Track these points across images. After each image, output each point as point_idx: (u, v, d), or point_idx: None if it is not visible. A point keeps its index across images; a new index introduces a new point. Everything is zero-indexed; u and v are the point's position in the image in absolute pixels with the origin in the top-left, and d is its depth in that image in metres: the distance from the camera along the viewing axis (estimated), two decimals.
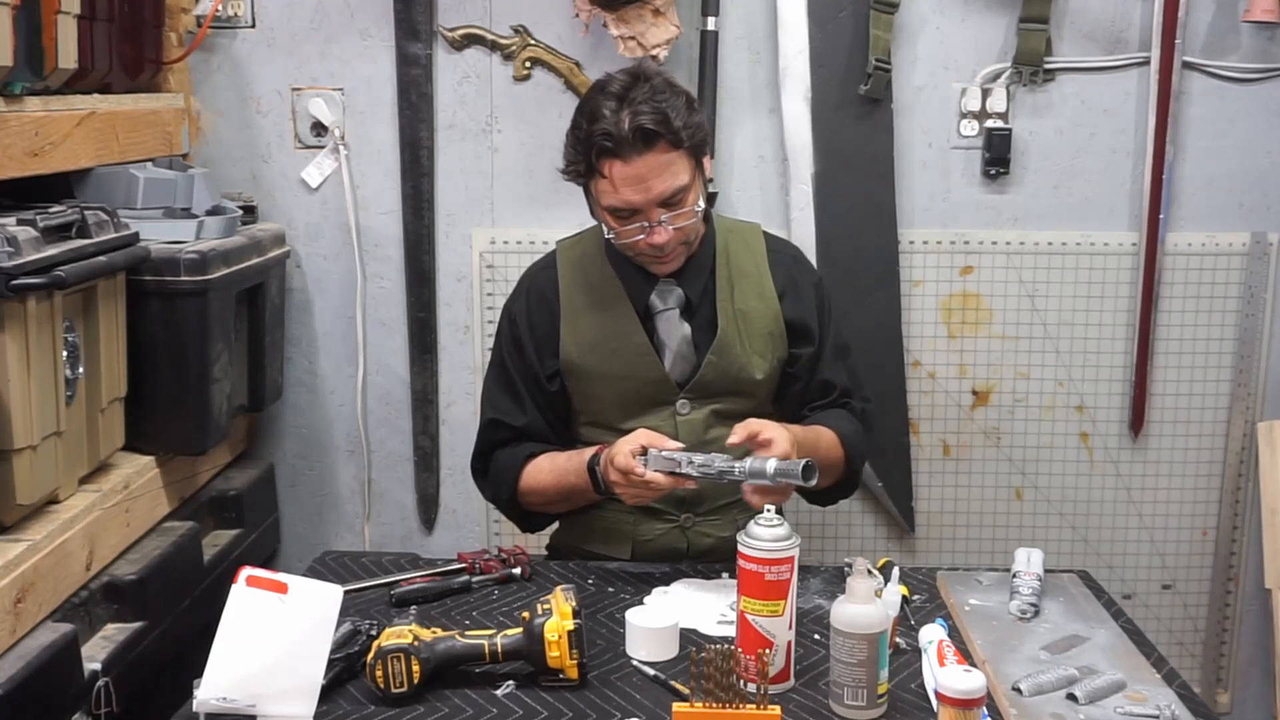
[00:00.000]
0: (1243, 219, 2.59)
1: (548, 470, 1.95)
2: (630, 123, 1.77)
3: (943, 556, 2.69)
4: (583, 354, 1.96)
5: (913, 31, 2.52)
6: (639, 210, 1.82)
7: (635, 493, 1.78)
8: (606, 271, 1.97)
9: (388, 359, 2.68)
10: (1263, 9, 2.41)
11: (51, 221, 1.83)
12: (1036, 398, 2.65)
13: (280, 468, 2.71)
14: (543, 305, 2.00)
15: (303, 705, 1.43)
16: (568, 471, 1.91)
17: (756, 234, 2.05)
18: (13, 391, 1.70)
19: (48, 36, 1.92)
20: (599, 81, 1.87)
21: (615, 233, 1.86)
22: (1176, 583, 2.72)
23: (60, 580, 1.81)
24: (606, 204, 1.84)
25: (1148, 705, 1.47)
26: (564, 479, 1.92)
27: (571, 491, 1.92)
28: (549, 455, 1.96)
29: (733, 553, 1.72)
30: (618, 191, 1.80)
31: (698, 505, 1.97)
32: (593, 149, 1.79)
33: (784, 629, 1.51)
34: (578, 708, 1.49)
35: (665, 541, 1.97)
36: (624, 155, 1.78)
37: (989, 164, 2.55)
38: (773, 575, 1.48)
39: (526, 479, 1.96)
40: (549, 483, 1.94)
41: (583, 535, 2.04)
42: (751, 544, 1.49)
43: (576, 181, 1.90)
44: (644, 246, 1.85)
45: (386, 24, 2.54)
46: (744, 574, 1.51)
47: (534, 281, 2.04)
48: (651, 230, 1.83)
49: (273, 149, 2.60)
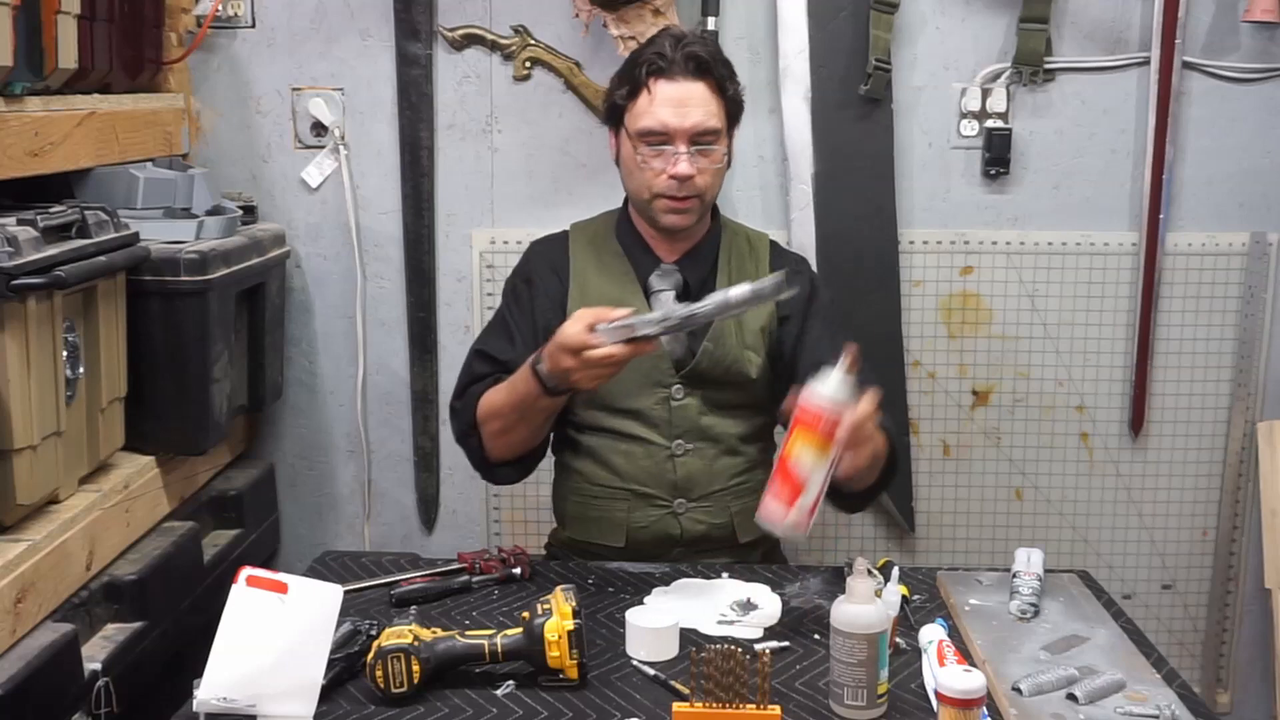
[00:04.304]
0: (1243, 219, 2.59)
1: (502, 388, 1.89)
2: (684, 50, 1.87)
3: (943, 556, 2.69)
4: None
5: (913, 31, 2.52)
6: (669, 141, 1.86)
7: (594, 373, 1.70)
8: (615, 250, 2.00)
9: (388, 359, 2.68)
10: (1263, 9, 2.41)
11: (51, 221, 1.83)
12: (1036, 398, 2.65)
13: (280, 468, 2.71)
14: (553, 272, 2.02)
15: (303, 705, 1.43)
16: (515, 383, 1.84)
17: (764, 240, 2.09)
18: (13, 391, 1.71)
19: (48, 36, 1.91)
20: (658, 31, 1.98)
21: (641, 159, 1.88)
22: (1176, 583, 2.72)
23: (60, 580, 1.81)
24: (642, 125, 1.87)
25: (1148, 705, 1.47)
26: (513, 392, 1.85)
27: (522, 403, 1.84)
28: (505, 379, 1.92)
29: (725, 540, 1.78)
30: (655, 111, 1.86)
31: (690, 491, 1.97)
32: (642, 66, 1.87)
33: (819, 479, 1.54)
34: (578, 708, 1.50)
35: (659, 528, 1.98)
36: (671, 75, 1.86)
37: (989, 164, 2.55)
38: (826, 426, 1.52)
39: (483, 403, 1.91)
40: (501, 400, 1.88)
41: (577, 527, 2.04)
42: (814, 397, 1.53)
43: (612, 117, 1.93)
44: (665, 181, 1.87)
45: (386, 24, 2.54)
46: (798, 420, 1.53)
47: (546, 249, 2.07)
48: (676, 158, 1.86)
49: (273, 149, 2.60)
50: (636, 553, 1.98)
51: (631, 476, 1.97)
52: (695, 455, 1.97)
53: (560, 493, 2.09)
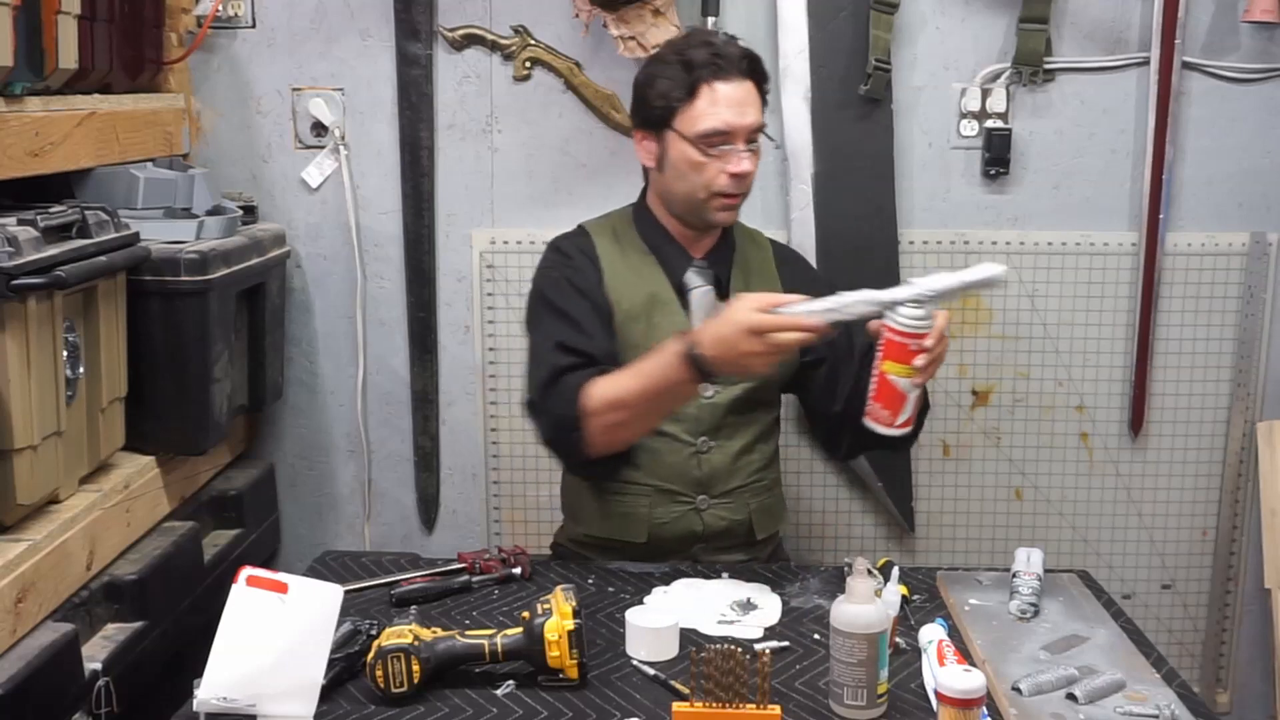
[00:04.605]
0: (1243, 219, 2.59)
1: (626, 377, 1.81)
2: (738, 50, 1.90)
3: (943, 556, 2.69)
4: (624, 321, 1.96)
5: (913, 31, 2.52)
6: (729, 141, 1.87)
7: (774, 357, 1.68)
8: (640, 247, 2.01)
9: (388, 359, 2.68)
10: (1262, 9, 2.41)
11: (52, 221, 1.83)
12: (1036, 398, 2.65)
13: (280, 468, 2.71)
14: (590, 265, 1.99)
15: (303, 705, 1.44)
16: (651, 372, 1.77)
17: (763, 236, 2.14)
18: (13, 391, 1.71)
19: (48, 37, 1.91)
20: (686, 33, 1.99)
21: (700, 160, 1.87)
22: (1176, 583, 2.72)
23: (60, 580, 1.81)
24: (705, 127, 1.87)
25: (1147, 705, 1.47)
26: (650, 379, 1.77)
27: (663, 391, 1.78)
28: (617, 371, 1.85)
29: (744, 536, 1.94)
30: (719, 112, 1.86)
31: (713, 487, 1.99)
32: (699, 68, 1.86)
33: (913, 388, 1.65)
34: (578, 708, 1.50)
35: (682, 525, 1.99)
36: (729, 76, 1.87)
37: (989, 164, 2.55)
38: (914, 346, 1.63)
39: (598, 394, 1.80)
40: (630, 389, 1.79)
41: (597, 524, 2.03)
42: (900, 320, 1.62)
43: (656, 122, 1.91)
44: (724, 180, 1.88)
45: (386, 24, 2.54)
46: (890, 343, 1.64)
47: (572, 242, 2.03)
48: (739, 157, 1.87)
49: (273, 149, 2.60)
50: (656, 549, 1.99)
51: (655, 472, 1.97)
52: (719, 452, 1.99)
53: (575, 488, 2.08)
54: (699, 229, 1.99)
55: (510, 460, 2.69)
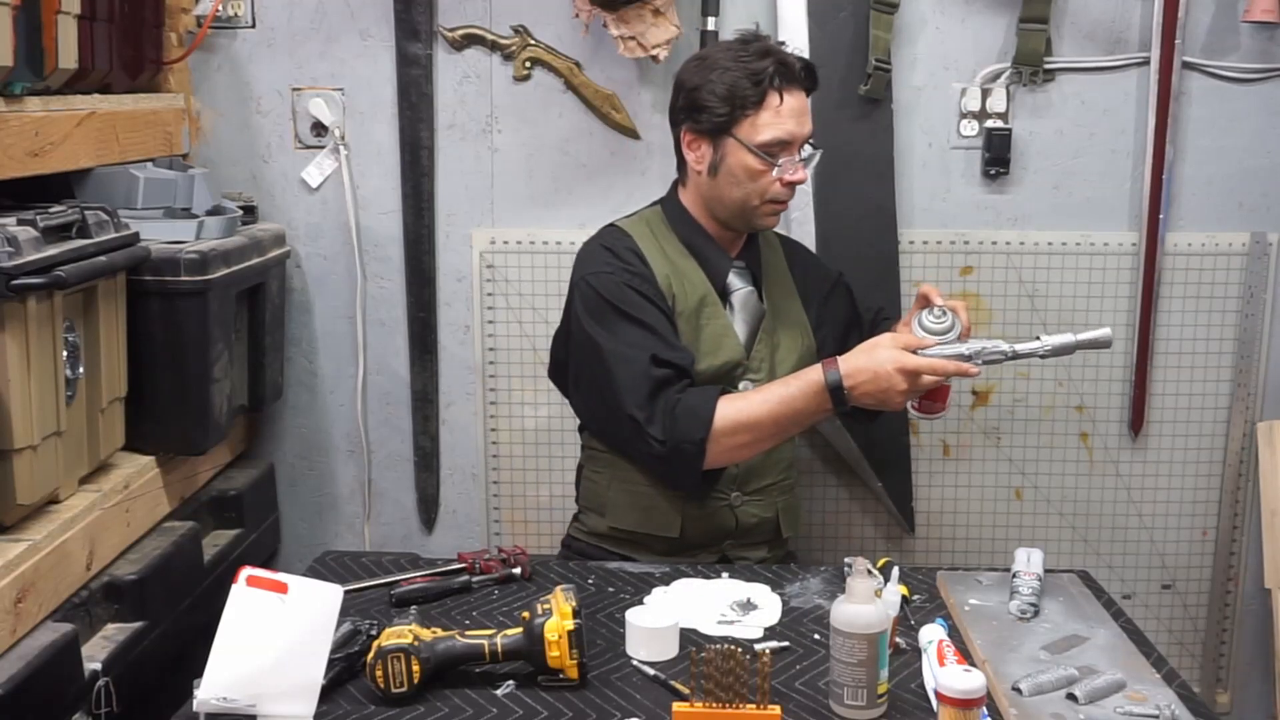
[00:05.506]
0: (1243, 219, 2.59)
1: (758, 401, 1.88)
2: (798, 60, 1.95)
3: (942, 556, 2.69)
4: (677, 322, 1.98)
5: (913, 31, 2.52)
6: (788, 149, 1.92)
7: (914, 395, 1.84)
8: (679, 249, 2.02)
9: (388, 359, 2.68)
10: (1262, 9, 2.41)
11: (52, 221, 1.83)
12: (1036, 398, 2.65)
13: (280, 468, 2.71)
14: (644, 267, 1.98)
15: (303, 705, 1.43)
16: (789, 399, 1.85)
17: (772, 234, 2.17)
18: (13, 391, 1.71)
19: (48, 37, 1.91)
20: (736, 37, 2.00)
21: (759, 168, 1.91)
22: (1176, 583, 2.72)
23: (60, 580, 1.81)
24: (770, 136, 1.90)
25: (1148, 705, 1.47)
26: (787, 406, 1.85)
27: (799, 418, 1.87)
28: (744, 392, 1.95)
29: (771, 533, 2.05)
30: (784, 123, 1.90)
31: (746, 484, 2.02)
32: (767, 77, 1.89)
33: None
34: (578, 708, 1.50)
35: (715, 520, 2.01)
36: (793, 86, 1.92)
37: (989, 164, 2.55)
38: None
39: (729, 416, 1.85)
40: (764, 413, 1.86)
41: (624, 516, 2.03)
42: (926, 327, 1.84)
43: (715, 130, 1.92)
44: (778, 188, 1.93)
45: (386, 24, 2.54)
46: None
47: (622, 245, 2.00)
48: (796, 166, 1.92)
49: (273, 149, 2.60)
50: (688, 543, 2.01)
51: None
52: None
53: (599, 480, 2.07)
54: (739, 231, 2.02)
55: (510, 460, 2.69)
